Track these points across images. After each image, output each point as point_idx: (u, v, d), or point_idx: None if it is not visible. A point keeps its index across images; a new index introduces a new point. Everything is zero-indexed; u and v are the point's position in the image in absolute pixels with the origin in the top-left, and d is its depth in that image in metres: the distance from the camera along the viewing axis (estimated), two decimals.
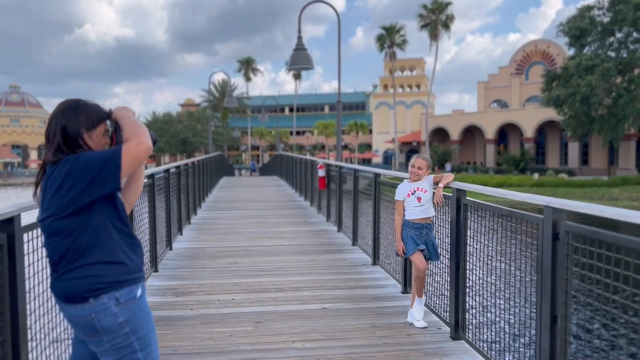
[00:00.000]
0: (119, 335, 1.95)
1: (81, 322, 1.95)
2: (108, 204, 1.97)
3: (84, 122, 2.00)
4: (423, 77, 68.40)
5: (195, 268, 6.37)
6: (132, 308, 1.98)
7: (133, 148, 1.87)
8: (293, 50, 10.14)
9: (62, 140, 1.97)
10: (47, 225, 1.94)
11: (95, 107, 2.06)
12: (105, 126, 2.05)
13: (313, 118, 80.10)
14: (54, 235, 1.94)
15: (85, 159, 1.88)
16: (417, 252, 4.22)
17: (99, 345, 1.98)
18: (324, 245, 7.86)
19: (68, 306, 1.95)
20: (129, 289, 1.98)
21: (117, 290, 1.95)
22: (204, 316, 4.56)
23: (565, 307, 2.70)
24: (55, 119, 2.02)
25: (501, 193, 3.37)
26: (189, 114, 74.10)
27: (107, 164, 1.86)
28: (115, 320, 1.94)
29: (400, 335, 4.13)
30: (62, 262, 1.94)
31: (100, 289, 1.93)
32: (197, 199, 11.53)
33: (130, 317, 1.97)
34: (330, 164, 10.13)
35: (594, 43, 40.31)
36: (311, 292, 5.33)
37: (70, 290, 1.93)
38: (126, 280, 1.98)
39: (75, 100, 2.06)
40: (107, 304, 1.93)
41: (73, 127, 1.99)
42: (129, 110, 2.05)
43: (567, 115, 39.48)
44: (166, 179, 7.25)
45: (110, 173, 1.86)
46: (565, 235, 2.68)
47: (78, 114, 2.01)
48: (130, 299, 1.97)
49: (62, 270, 1.94)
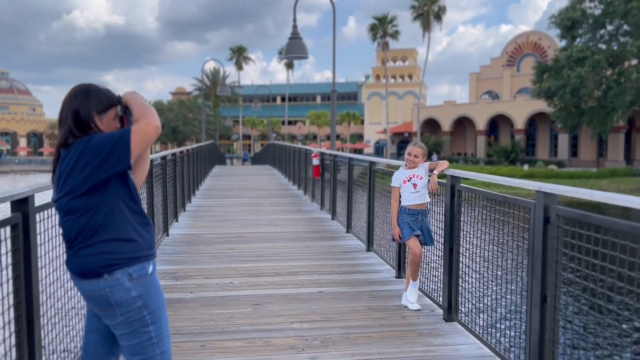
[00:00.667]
0: (132, 309, 2.04)
1: (96, 296, 2.04)
2: (121, 183, 2.05)
3: (95, 106, 2.07)
4: (415, 68, 68.47)
5: (193, 253, 6.46)
6: (144, 284, 2.07)
7: (142, 128, 1.95)
8: (288, 39, 10.19)
9: (74, 124, 2.04)
10: (64, 204, 2.02)
11: (106, 92, 2.13)
12: (115, 110, 2.12)
13: (305, 108, 79.98)
14: (70, 213, 2.02)
15: (97, 139, 1.96)
16: (413, 237, 4.34)
17: (112, 319, 2.07)
18: (318, 233, 7.98)
19: (83, 281, 2.04)
20: (141, 265, 2.07)
21: (130, 267, 2.04)
22: (203, 299, 4.67)
23: (555, 287, 2.84)
24: (67, 103, 2.09)
25: (494, 179, 3.50)
26: (180, 103, 73.79)
27: (118, 143, 1.93)
28: (128, 295, 2.03)
29: (395, 317, 4.26)
30: (78, 239, 2.03)
31: (114, 264, 2.01)
32: (191, 187, 11.59)
33: (143, 292, 2.06)
34: (325, 153, 10.23)
35: (585, 35, 40.57)
36: (307, 276, 5.45)
37: (85, 265, 2.02)
38: (139, 257, 2.06)
39: (87, 84, 2.14)
40: (121, 279, 2.02)
41: (85, 110, 2.06)
42: (137, 94, 2.13)
43: (557, 107, 39.81)
44: (163, 166, 7.32)
45: (121, 152, 1.93)
46: (556, 219, 2.81)
47: (90, 98, 2.08)
48: (142, 275, 2.07)
49: (78, 247, 2.03)
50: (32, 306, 2.45)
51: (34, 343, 2.46)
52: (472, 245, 3.92)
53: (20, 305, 2.38)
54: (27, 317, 2.42)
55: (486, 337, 3.64)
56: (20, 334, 2.39)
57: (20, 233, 2.39)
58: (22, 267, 2.39)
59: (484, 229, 3.81)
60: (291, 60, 45.97)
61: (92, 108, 2.07)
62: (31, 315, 2.44)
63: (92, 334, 2.19)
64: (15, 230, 2.36)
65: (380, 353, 3.53)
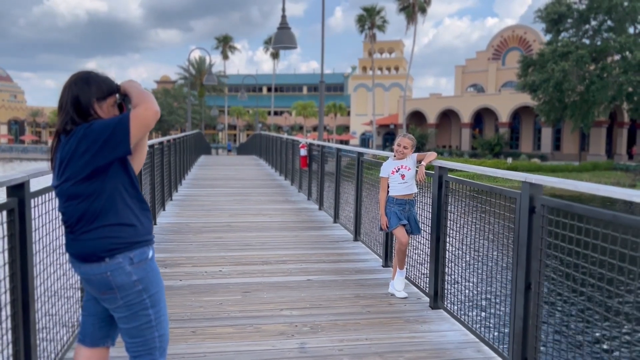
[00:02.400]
0: (132, 292, 2.08)
1: (97, 279, 2.08)
2: (121, 169, 2.09)
3: (95, 93, 2.10)
4: (402, 60, 68.58)
5: (181, 242, 6.49)
6: (144, 268, 2.11)
7: (141, 113, 1.98)
8: (277, 28, 10.18)
9: (73, 110, 2.07)
10: (65, 190, 2.05)
11: (105, 79, 2.16)
12: (115, 98, 2.16)
13: (291, 98, 79.74)
14: (71, 199, 2.05)
15: (97, 125, 2.00)
16: (400, 226, 4.43)
17: (112, 302, 2.11)
18: (306, 222, 8.04)
19: (84, 265, 2.08)
20: (142, 250, 2.12)
21: (131, 251, 2.08)
22: (193, 286, 4.71)
23: (539, 274, 2.93)
24: (67, 89, 2.11)
25: (482, 170, 3.58)
26: (165, 91, 73.03)
27: (117, 128, 1.96)
28: (129, 279, 2.07)
29: (382, 304, 4.35)
30: (80, 224, 2.06)
31: (115, 249, 2.05)
32: (178, 176, 11.57)
33: (143, 276, 2.10)
34: (313, 144, 10.27)
35: (570, 30, 40.98)
36: (296, 265, 5.51)
37: (87, 249, 2.06)
38: (139, 241, 2.11)
39: (87, 71, 2.16)
40: (122, 263, 2.06)
41: (85, 97, 2.09)
42: (136, 82, 2.17)
43: (541, 101, 40.25)
44: (151, 155, 7.31)
45: (120, 137, 1.96)
46: (541, 209, 2.90)
47: (90, 85, 2.10)
48: (143, 259, 2.11)
49: (79, 232, 2.07)
50: (28, 290, 2.48)
51: (29, 326, 2.49)
52: (458, 234, 4.01)
53: (16, 289, 2.41)
54: (23, 300, 2.45)
55: (471, 323, 3.74)
56: (16, 317, 2.42)
57: (17, 218, 2.41)
58: (17, 252, 2.42)
59: (471, 219, 3.90)
60: (278, 50, 45.54)
61: (92, 95, 2.09)
62: (27, 298, 2.47)
63: (90, 317, 2.23)
64: (11, 215, 2.39)
65: (368, 339, 3.61)
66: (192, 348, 3.40)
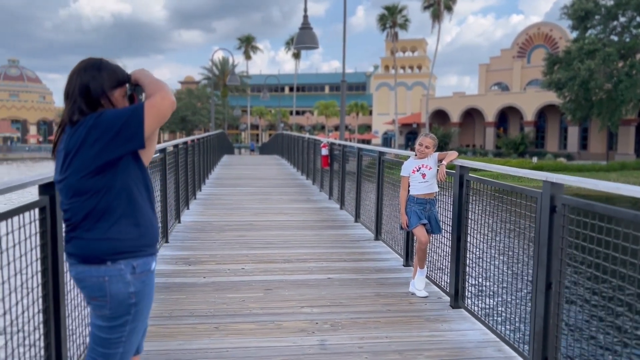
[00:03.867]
0: (123, 305, 1.93)
1: (91, 282, 1.92)
2: (132, 164, 1.94)
3: (107, 81, 1.94)
4: (424, 59, 68.12)
5: (205, 240, 6.59)
6: (143, 280, 1.97)
7: (158, 102, 1.82)
8: (299, 29, 10.25)
9: (82, 99, 1.90)
10: (71, 184, 1.88)
11: (117, 68, 2.00)
12: (125, 89, 2.00)
13: (313, 98, 79.89)
14: (78, 195, 1.89)
15: (109, 114, 1.84)
16: (420, 225, 4.44)
17: (98, 309, 1.95)
18: (327, 222, 8.08)
19: (81, 265, 1.93)
20: (146, 260, 1.98)
21: (135, 259, 1.94)
22: (216, 283, 4.79)
23: (559, 274, 2.93)
24: (76, 76, 1.94)
25: (503, 170, 3.58)
26: (189, 92, 73.90)
27: (131, 118, 1.81)
28: (126, 289, 1.92)
29: (402, 303, 4.37)
30: (84, 222, 1.91)
31: (120, 253, 1.91)
32: (201, 175, 11.73)
33: (140, 289, 1.95)
34: (334, 143, 10.31)
35: (597, 26, 40.18)
36: (317, 263, 5.56)
37: (88, 250, 1.91)
38: (144, 250, 1.97)
39: (98, 58, 1.99)
40: (124, 270, 1.92)
41: (96, 85, 1.92)
42: (147, 71, 2.00)
43: (566, 99, 39.56)
44: (175, 154, 7.44)
45: (135, 128, 1.80)
46: (562, 208, 2.89)
47: (102, 72, 1.94)
48: (145, 271, 1.97)
49: (83, 229, 1.91)
50: (59, 285, 2.57)
51: (60, 321, 2.58)
52: (479, 234, 4.01)
53: (48, 283, 2.50)
54: (54, 295, 2.55)
55: (492, 323, 3.74)
56: (47, 311, 2.51)
57: (48, 215, 2.50)
58: (49, 248, 2.51)
59: (492, 218, 3.89)
60: (299, 50, 45.60)
61: (105, 84, 1.93)
62: (57, 294, 2.56)
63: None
64: (43, 213, 2.48)
65: (388, 337, 3.64)
66: (215, 343, 3.48)
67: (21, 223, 2.26)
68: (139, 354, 2.24)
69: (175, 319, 3.89)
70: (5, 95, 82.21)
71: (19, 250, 2.26)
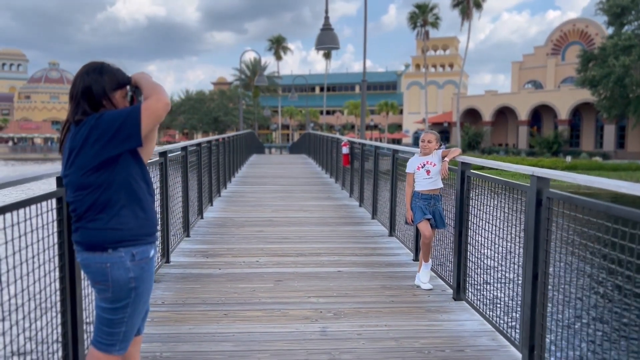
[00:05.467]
0: (124, 289, 2.13)
1: (95, 268, 2.13)
2: (132, 160, 2.13)
3: (108, 83, 2.12)
4: (456, 57, 67.40)
5: (224, 234, 6.86)
6: (142, 267, 2.16)
7: (152, 104, 2.01)
8: (320, 30, 10.45)
9: (85, 100, 2.09)
10: (76, 180, 2.09)
11: (118, 71, 2.19)
12: (126, 90, 2.19)
13: (343, 97, 79.98)
14: (81, 189, 2.09)
15: (108, 115, 2.03)
16: (424, 220, 4.58)
17: (101, 292, 2.16)
18: (344, 218, 8.26)
19: (86, 252, 2.14)
20: (145, 248, 2.17)
21: (134, 247, 2.13)
22: (230, 274, 5.03)
23: (545, 264, 3.04)
24: (79, 79, 2.13)
25: (496, 165, 3.69)
26: (221, 93, 75.06)
27: (128, 119, 1.99)
28: (126, 275, 2.11)
29: (406, 295, 4.52)
30: (88, 213, 2.10)
31: (120, 241, 2.11)
32: (227, 174, 12.05)
33: (139, 275, 2.15)
34: (354, 142, 10.47)
35: (633, 22, 39.06)
36: (329, 257, 5.75)
37: (93, 239, 2.10)
38: (144, 238, 2.17)
39: (100, 62, 2.18)
40: (124, 257, 2.11)
41: (97, 87, 2.11)
42: (147, 74, 2.19)
43: (601, 96, 38.61)
44: (198, 153, 7.73)
45: (131, 128, 1.99)
46: (547, 201, 3.00)
47: (103, 76, 2.13)
48: (144, 258, 2.16)
49: (86, 220, 2.11)
50: (74, 268, 2.83)
51: (76, 301, 2.85)
52: (480, 228, 4.13)
53: (65, 267, 2.77)
54: (70, 277, 2.81)
55: (489, 314, 3.86)
56: (64, 292, 2.78)
57: (64, 205, 2.76)
58: (65, 235, 2.77)
59: (491, 212, 4.00)
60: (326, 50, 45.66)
61: (106, 86, 2.11)
62: (73, 276, 2.82)
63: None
64: (60, 203, 2.74)
65: (387, 325, 3.80)
66: (222, 329, 3.71)
67: (39, 211, 2.52)
68: (140, 335, 2.47)
69: (188, 306, 4.15)
70: (46, 98, 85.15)
71: (39, 234, 2.52)
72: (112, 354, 2.23)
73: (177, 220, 6.13)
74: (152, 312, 3.94)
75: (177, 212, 6.10)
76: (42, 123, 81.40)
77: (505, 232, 3.73)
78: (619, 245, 2.40)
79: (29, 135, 79.09)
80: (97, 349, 2.23)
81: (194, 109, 70.50)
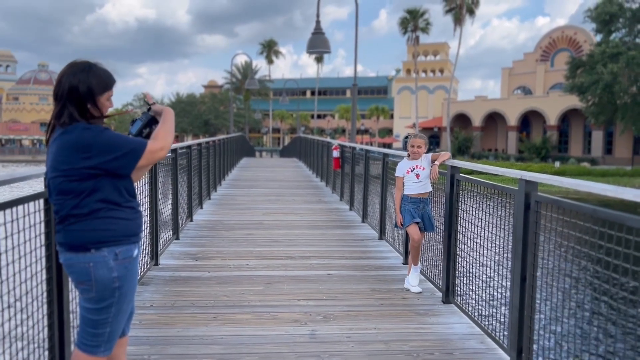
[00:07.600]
0: (108, 289, 2.12)
1: (78, 268, 2.12)
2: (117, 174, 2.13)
3: (95, 85, 2.08)
4: (447, 62, 67.76)
5: (214, 237, 6.84)
6: (126, 266, 2.16)
7: (156, 151, 2.10)
8: (311, 34, 10.47)
9: (71, 102, 2.04)
10: (58, 184, 2.08)
11: (106, 72, 2.15)
12: (111, 92, 2.15)
13: (334, 102, 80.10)
14: (62, 194, 2.08)
15: (112, 138, 2.04)
16: (413, 224, 4.59)
17: (86, 293, 2.14)
18: (335, 222, 8.27)
19: (68, 253, 2.13)
20: (128, 247, 2.17)
21: (117, 246, 2.13)
22: (219, 277, 5.01)
23: (533, 267, 3.06)
24: (65, 79, 2.06)
25: (484, 169, 3.72)
26: (212, 96, 74.90)
27: (130, 152, 2.05)
28: (109, 274, 2.11)
29: (396, 298, 4.53)
30: (70, 216, 2.10)
31: (103, 242, 2.10)
32: (217, 177, 12.02)
33: (123, 274, 2.14)
34: (345, 146, 10.49)
35: (621, 30, 39.55)
36: (319, 260, 5.75)
37: (76, 240, 2.10)
38: (127, 237, 2.17)
39: (87, 62, 2.11)
40: (107, 257, 2.10)
41: (84, 88, 2.05)
42: (171, 113, 2.27)
43: (590, 103, 39.01)
44: (188, 155, 7.70)
45: (130, 161, 2.06)
46: (535, 205, 3.03)
47: (90, 77, 2.07)
48: (127, 257, 2.16)
49: (68, 222, 2.11)
50: (62, 270, 2.81)
51: (62, 303, 2.82)
52: (469, 231, 4.15)
53: (52, 268, 2.74)
54: (57, 279, 2.79)
55: (477, 317, 3.88)
56: (51, 293, 2.75)
57: (52, 205, 2.74)
58: (53, 236, 2.75)
59: (480, 216, 4.03)
60: (317, 54, 45.88)
61: (93, 87, 2.07)
62: (60, 277, 2.80)
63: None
64: (47, 204, 2.72)
65: (376, 328, 3.81)
66: (211, 331, 3.69)
67: (27, 212, 2.50)
68: (126, 336, 2.45)
69: (177, 309, 4.13)
70: (35, 99, 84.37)
71: (26, 235, 2.50)
72: (97, 355, 2.20)
73: (167, 223, 6.10)
74: (140, 315, 3.92)
75: (166, 215, 6.07)
76: (31, 125, 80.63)
77: (494, 235, 3.75)
78: (605, 247, 2.43)
79: (17, 137, 78.34)
80: (81, 351, 2.21)
81: (184, 111, 70.25)
